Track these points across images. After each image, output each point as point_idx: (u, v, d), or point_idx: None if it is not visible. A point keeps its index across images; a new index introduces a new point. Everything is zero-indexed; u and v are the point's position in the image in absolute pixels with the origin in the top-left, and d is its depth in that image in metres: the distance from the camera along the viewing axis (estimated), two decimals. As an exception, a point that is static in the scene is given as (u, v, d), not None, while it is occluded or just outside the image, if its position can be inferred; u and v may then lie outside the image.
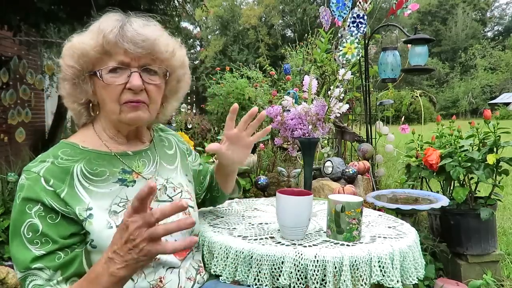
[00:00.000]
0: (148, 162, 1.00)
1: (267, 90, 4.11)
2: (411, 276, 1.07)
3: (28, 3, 2.79)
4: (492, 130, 2.12)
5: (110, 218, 0.87)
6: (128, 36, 0.85)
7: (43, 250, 0.80)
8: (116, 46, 0.86)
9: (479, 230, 2.20)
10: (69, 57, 0.89)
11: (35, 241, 0.80)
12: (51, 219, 0.81)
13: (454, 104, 30.06)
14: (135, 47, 0.86)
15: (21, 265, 0.79)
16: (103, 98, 0.90)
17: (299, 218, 1.11)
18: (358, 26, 2.63)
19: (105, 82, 0.87)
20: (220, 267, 1.08)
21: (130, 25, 0.87)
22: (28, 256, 0.79)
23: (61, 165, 0.87)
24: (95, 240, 0.84)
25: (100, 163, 0.91)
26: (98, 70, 0.87)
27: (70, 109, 0.96)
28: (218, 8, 32.11)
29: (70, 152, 0.90)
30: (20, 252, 0.80)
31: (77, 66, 0.88)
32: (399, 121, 3.53)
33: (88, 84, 0.91)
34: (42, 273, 0.79)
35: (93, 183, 0.88)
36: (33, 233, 0.80)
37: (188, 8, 4.31)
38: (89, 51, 0.87)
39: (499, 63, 32.08)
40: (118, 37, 0.85)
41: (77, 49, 0.87)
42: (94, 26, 0.89)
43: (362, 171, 2.54)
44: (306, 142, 1.47)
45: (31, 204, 0.81)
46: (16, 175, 2.70)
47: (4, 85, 3.18)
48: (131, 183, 0.93)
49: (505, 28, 39.78)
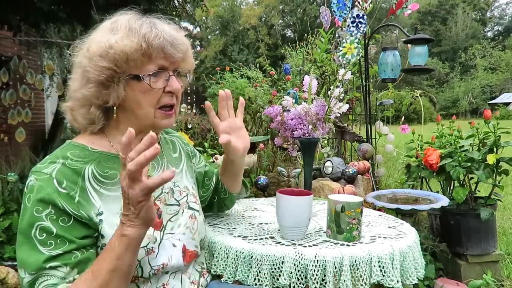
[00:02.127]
0: (157, 165, 0.99)
1: (267, 90, 4.11)
2: (411, 276, 1.07)
3: (28, 3, 2.79)
4: (492, 130, 2.12)
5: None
6: (169, 41, 0.86)
7: (60, 250, 0.77)
8: (160, 51, 0.86)
9: (479, 230, 2.20)
10: (103, 58, 0.83)
11: (49, 242, 0.77)
12: (63, 222, 0.79)
13: (454, 104, 30.05)
14: (176, 52, 0.88)
15: (32, 266, 0.76)
16: (139, 102, 0.88)
17: (299, 218, 1.11)
18: (358, 26, 2.63)
19: (151, 86, 0.86)
20: (220, 267, 1.08)
21: (168, 30, 0.88)
22: (40, 257, 0.76)
23: (72, 167, 0.84)
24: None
25: (110, 165, 0.89)
26: (141, 74, 0.85)
27: (79, 114, 0.89)
28: (218, 8, 32.11)
29: (79, 153, 0.87)
30: (30, 255, 0.77)
31: (115, 67, 0.83)
32: (399, 121, 3.53)
33: (121, 87, 0.86)
34: (57, 271, 0.77)
35: (104, 186, 0.87)
36: (46, 234, 0.77)
37: (188, 8, 4.31)
38: (130, 53, 0.83)
39: (499, 63, 32.08)
40: (164, 43, 0.85)
41: (116, 50, 0.82)
42: (121, 25, 0.85)
43: (362, 171, 2.54)
44: (306, 142, 1.47)
45: (40, 207, 0.78)
46: (16, 175, 2.70)
47: (4, 85, 3.18)
48: None
49: (505, 28, 39.78)
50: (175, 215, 0.97)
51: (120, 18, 0.88)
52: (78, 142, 0.90)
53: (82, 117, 0.89)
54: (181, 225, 0.97)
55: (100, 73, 0.83)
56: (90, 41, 0.87)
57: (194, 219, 1.01)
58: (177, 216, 0.97)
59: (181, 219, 0.98)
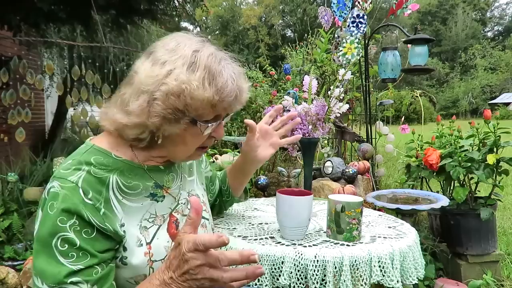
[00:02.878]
0: (176, 177, 0.98)
1: (267, 90, 4.11)
2: (411, 276, 1.07)
3: (28, 3, 2.79)
4: (492, 130, 2.12)
5: (140, 235, 0.84)
6: (236, 95, 0.85)
7: (81, 265, 0.74)
8: (227, 106, 0.84)
9: (479, 230, 2.20)
10: (178, 99, 0.79)
11: (71, 254, 0.74)
12: (87, 233, 0.76)
13: (454, 104, 30.07)
14: (239, 106, 0.88)
15: (52, 279, 0.73)
16: (186, 141, 0.87)
17: (299, 218, 1.11)
18: (358, 26, 2.63)
19: (204, 132, 0.85)
20: (220, 267, 1.08)
21: (239, 82, 0.85)
22: (61, 270, 0.73)
23: (97, 176, 0.81)
24: (128, 257, 0.82)
25: (133, 176, 0.87)
26: (200, 122, 0.83)
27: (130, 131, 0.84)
28: (218, 8, 32.12)
29: (103, 160, 0.84)
30: (50, 265, 0.73)
31: (186, 111, 0.80)
32: (399, 121, 3.53)
33: (177, 127, 0.83)
34: (77, 287, 0.74)
35: (126, 197, 0.84)
36: (69, 246, 0.74)
37: (188, 8, 4.31)
38: (204, 103, 0.80)
39: (499, 63, 32.10)
40: (234, 103, 0.85)
41: (193, 97, 0.79)
42: (201, 64, 0.80)
43: (362, 171, 2.54)
44: (306, 142, 1.47)
45: (65, 217, 0.75)
46: (16, 175, 2.70)
47: (4, 85, 3.18)
48: (160, 198, 0.91)
49: (505, 28, 39.80)
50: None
51: (201, 50, 0.82)
52: (101, 146, 0.87)
53: (132, 134, 0.85)
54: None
55: (171, 111, 0.80)
56: (166, 68, 0.80)
57: (205, 228, 1.02)
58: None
59: None
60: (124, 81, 0.87)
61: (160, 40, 0.86)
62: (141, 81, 0.80)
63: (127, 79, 0.86)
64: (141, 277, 0.83)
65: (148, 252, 0.84)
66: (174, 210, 0.93)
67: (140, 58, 0.86)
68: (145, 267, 0.83)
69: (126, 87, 0.84)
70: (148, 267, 0.83)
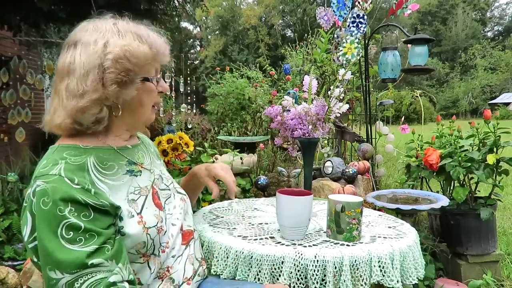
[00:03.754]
0: (145, 155, 1.06)
1: (267, 90, 4.12)
2: (411, 276, 1.07)
3: (28, 3, 2.79)
4: (492, 130, 2.12)
5: (130, 208, 0.90)
6: (165, 48, 0.99)
7: (94, 244, 0.78)
8: (161, 58, 0.98)
9: (479, 230, 2.20)
10: (128, 60, 0.89)
11: (78, 239, 0.77)
12: (85, 216, 0.80)
13: (454, 104, 30.06)
14: (168, 58, 1.01)
15: (72, 266, 0.76)
16: (144, 102, 0.97)
17: (299, 218, 1.11)
18: (358, 26, 2.63)
19: (159, 88, 0.99)
20: (220, 267, 1.08)
21: (162, 38, 0.99)
22: (78, 255, 0.76)
23: (76, 163, 0.85)
24: (124, 227, 0.87)
25: (107, 157, 0.92)
26: (151, 77, 0.96)
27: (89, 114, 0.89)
28: (218, 8, 32.11)
29: (75, 152, 0.88)
30: (64, 255, 0.76)
31: (136, 69, 0.91)
32: (399, 121, 3.53)
33: (134, 88, 0.92)
34: (101, 267, 0.78)
35: (107, 177, 0.89)
36: (74, 232, 0.77)
37: (188, 8, 4.31)
38: (145, 59, 0.93)
39: (499, 63, 32.08)
40: (163, 50, 0.97)
41: (138, 54, 0.91)
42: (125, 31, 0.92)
43: (362, 171, 2.54)
44: (306, 142, 1.47)
45: (62, 206, 0.78)
46: (16, 175, 2.70)
47: (4, 85, 3.18)
48: (138, 172, 0.98)
49: (505, 28, 39.78)
50: (169, 198, 1.05)
51: (117, 22, 0.94)
52: (67, 143, 0.91)
53: (91, 116, 0.90)
54: (176, 207, 1.05)
55: (125, 74, 0.89)
56: (101, 43, 0.88)
57: (184, 201, 1.10)
58: (170, 199, 1.05)
59: (174, 201, 1.06)
60: (57, 78, 0.92)
61: (73, 33, 0.94)
62: (83, 63, 0.88)
63: (60, 74, 0.91)
64: (141, 245, 0.89)
65: (141, 220, 0.90)
66: (153, 183, 1.01)
67: (64, 54, 0.91)
68: (142, 234, 0.89)
69: (64, 79, 0.90)
70: (145, 234, 0.90)
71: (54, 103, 0.92)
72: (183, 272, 1.00)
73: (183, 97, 3.76)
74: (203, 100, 5.69)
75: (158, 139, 2.24)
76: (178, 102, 3.85)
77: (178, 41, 12.18)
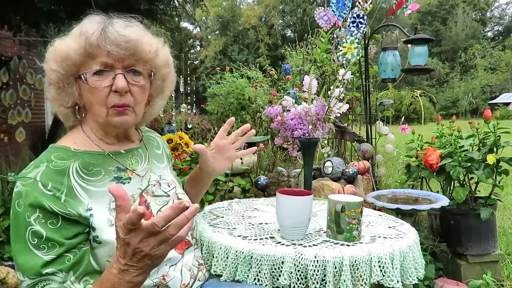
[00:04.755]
0: (141, 160, 1.02)
1: (267, 90, 4.11)
2: (411, 276, 1.07)
3: (28, 3, 2.79)
4: (492, 130, 2.12)
5: (110, 216, 0.88)
6: (110, 37, 0.85)
7: (52, 254, 0.79)
8: (99, 48, 0.85)
9: (479, 230, 2.20)
10: (52, 61, 0.88)
11: (42, 246, 0.79)
12: (52, 224, 0.81)
13: (454, 104, 30.06)
14: (117, 48, 0.86)
15: (30, 271, 0.79)
16: (90, 101, 0.90)
17: (299, 218, 1.11)
18: (358, 26, 2.63)
19: (90, 85, 0.87)
20: (220, 267, 1.08)
21: (112, 26, 0.87)
22: (37, 262, 0.78)
23: (57, 168, 0.86)
24: (99, 236, 0.86)
25: (94, 162, 0.91)
26: (82, 74, 0.87)
27: (57, 112, 0.96)
28: (218, 8, 32.11)
29: (63, 155, 0.89)
30: (27, 259, 0.79)
31: (60, 70, 0.88)
32: (399, 121, 3.53)
33: (74, 88, 0.90)
34: (55, 277, 0.79)
35: (90, 183, 0.89)
36: (38, 239, 0.79)
37: (188, 8, 4.31)
38: (72, 54, 0.86)
39: (499, 63, 32.08)
40: (100, 39, 0.85)
41: (59, 52, 0.88)
42: (76, 29, 0.89)
43: (362, 171, 2.54)
44: (306, 142, 1.47)
45: (29, 212, 0.80)
46: (16, 175, 2.70)
47: (4, 85, 3.18)
48: (126, 180, 0.95)
49: (505, 28, 39.78)
50: (165, 206, 1.00)
51: (82, 22, 0.91)
52: (60, 144, 0.93)
53: (60, 117, 0.96)
54: None
55: (55, 76, 0.89)
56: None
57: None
58: (166, 207, 1.00)
59: None
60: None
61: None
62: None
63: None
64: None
65: None
66: (144, 191, 0.98)
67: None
68: None
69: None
70: None
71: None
72: (181, 279, 0.98)
73: (183, 97, 3.76)
74: (203, 100, 5.70)
75: (158, 139, 2.23)
76: (178, 102, 3.86)
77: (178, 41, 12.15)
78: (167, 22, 3.99)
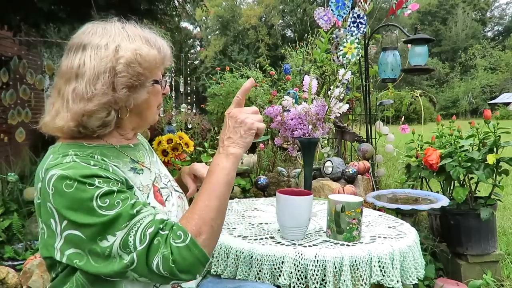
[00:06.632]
0: (145, 154, 1.06)
1: (267, 90, 4.11)
2: (411, 276, 1.07)
3: (28, 3, 2.79)
4: (492, 130, 2.12)
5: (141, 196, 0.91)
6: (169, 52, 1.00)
7: (131, 199, 0.81)
8: (167, 61, 0.99)
9: (479, 230, 2.20)
10: (139, 65, 0.89)
11: (116, 202, 0.79)
12: (114, 185, 0.82)
13: (454, 104, 30.06)
14: (171, 61, 1.01)
15: (121, 221, 0.78)
16: (151, 104, 0.98)
17: (299, 218, 1.11)
18: (358, 26, 2.63)
19: (164, 91, 1.01)
20: (220, 267, 1.08)
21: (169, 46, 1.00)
22: (122, 210, 0.78)
23: (83, 155, 0.85)
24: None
25: (110, 154, 0.92)
26: (159, 79, 0.97)
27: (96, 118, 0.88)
28: (218, 8, 32.11)
29: (79, 149, 0.87)
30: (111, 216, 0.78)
31: (148, 73, 0.92)
32: (399, 121, 3.53)
33: (145, 91, 0.93)
34: (144, 212, 0.81)
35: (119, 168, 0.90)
36: (109, 197, 0.79)
37: (188, 8, 4.31)
38: (157, 61, 0.94)
39: (499, 63, 32.09)
40: (169, 54, 0.99)
41: (149, 58, 0.91)
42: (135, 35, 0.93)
43: (362, 171, 2.54)
44: (306, 142, 1.47)
45: (88, 180, 0.79)
46: (16, 175, 2.70)
47: (4, 85, 3.18)
48: (140, 171, 0.98)
49: (505, 28, 39.78)
50: (168, 196, 1.04)
51: (125, 26, 0.94)
52: (68, 142, 0.90)
53: (97, 120, 0.89)
54: (174, 205, 1.04)
55: (136, 78, 0.89)
56: (112, 47, 0.88)
57: (182, 199, 1.09)
58: (169, 197, 1.04)
59: (172, 199, 1.05)
60: (61, 80, 0.91)
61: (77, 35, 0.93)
62: (93, 67, 0.87)
63: (65, 77, 0.90)
64: None
65: None
66: (155, 181, 1.01)
67: (71, 56, 0.91)
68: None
69: (72, 82, 0.88)
70: None
71: (56, 105, 0.91)
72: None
73: (183, 97, 3.76)
74: (203, 100, 5.69)
75: (158, 139, 2.24)
76: (178, 102, 3.85)
77: (178, 41, 12.15)
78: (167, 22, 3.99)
